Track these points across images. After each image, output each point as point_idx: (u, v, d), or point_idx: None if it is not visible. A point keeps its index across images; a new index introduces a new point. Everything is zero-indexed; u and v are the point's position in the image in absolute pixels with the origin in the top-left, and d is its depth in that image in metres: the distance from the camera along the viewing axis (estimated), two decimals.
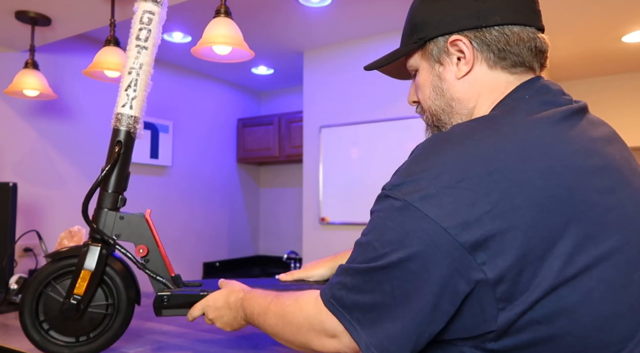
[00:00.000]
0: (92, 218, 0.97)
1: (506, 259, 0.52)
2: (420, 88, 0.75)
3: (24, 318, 0.93)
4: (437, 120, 0.74)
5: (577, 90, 3.74)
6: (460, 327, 0.57)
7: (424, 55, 0.73)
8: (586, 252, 0.52)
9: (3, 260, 1.58)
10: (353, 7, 2.48)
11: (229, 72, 3.67)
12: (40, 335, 0.94)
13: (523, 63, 0.67)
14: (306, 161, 3.14)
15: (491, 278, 0.52)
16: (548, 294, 0.52)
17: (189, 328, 1.21)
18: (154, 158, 3.23)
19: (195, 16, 2.57)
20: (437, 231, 0.53)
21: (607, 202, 0.55)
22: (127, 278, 0.98)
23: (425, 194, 0.55)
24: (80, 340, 0.95)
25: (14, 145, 2.52)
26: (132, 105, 1.00)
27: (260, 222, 4.25)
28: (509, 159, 0.55)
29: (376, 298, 0.58)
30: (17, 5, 1.99)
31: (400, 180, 0.59)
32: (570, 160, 0.56)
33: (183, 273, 3.41)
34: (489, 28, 0.66)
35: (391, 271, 0.56)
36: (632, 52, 3.08)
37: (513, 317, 0.53)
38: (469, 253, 0.53)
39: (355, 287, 0.60)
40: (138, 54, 1.01)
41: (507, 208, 0.52)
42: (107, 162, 0.97)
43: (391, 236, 0.57)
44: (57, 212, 2.68)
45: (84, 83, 2.83)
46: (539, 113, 0.60)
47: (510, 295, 0.53)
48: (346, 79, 3.00)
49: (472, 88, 0.69)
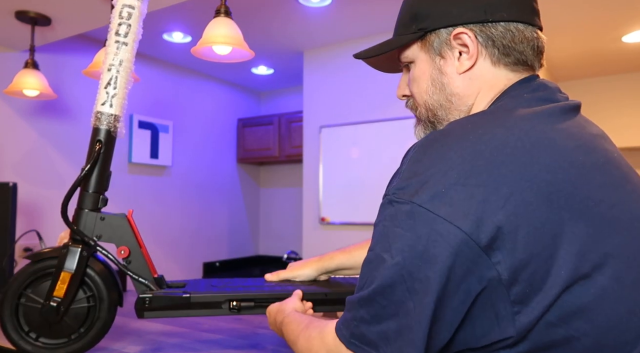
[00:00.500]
0: (72, 219, 0.95)
1: (520, 258, 0.50)
2: (416, 81, 0.72)
3: (8, 333, 0.92)
4: (433, 115, 0.71)
5: (577, 90, 3.74)
6: (471, 335, 0.54)
7: (423, 46, 0.69)
8: (597, 248, 0.51)
9: (3, 260, 1.58)
10: (353, 7, 2.48)
11: (229, 72, 3.67)
12: (31, 345, 0.93)
13: (525, 61, 0.66)
14: (306, 161, 3.14)
15: (505, 278, 0.50)
16: (563, 293, 0.50)
17: (189, 328, 1.21)
18: (154, 158, 3.23)
19: (195, 16, 2.56)
20: (452, 231, 0.50)
21: (611, 198, 0.54)
22: (108, 279, 0.96)
23: (434, 194, 0.52)
24: (72, 338, 0.95)
25: (14, 145, 2.52)
26: (112, 103, 0.97)
27: (260, 222, 4.25)
28: (515, 152, 0.53)
29: (402, 322, 0.52)
30: (17, 5, 1.99)
31: (404, 183, 0.56)
32: (573, 156, 0.54)
33: (183, 273, 3.41)
34: (495, 23, 0.64)
35: (410, 283, 0.52)
36: (632, 52, 3.08)
37: (532, 320, 0.51)
38: (484, 252, 0.50)
39: (376, 317, 0.54)
40: (117, 50, 0.97)
41: (519, 204, 0.50)
42: (87, 161, 0.95)
43: (402, 243, 0.53)
44: (57, 212, 2.68)
45: (84, 83, 2.83)
46: (539, 108, 0.59)
47: (525, 296, 0.51)
48: (346, 79, 3.00)
49: (473, 84, 0.67)
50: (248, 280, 1.08)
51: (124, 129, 1.00)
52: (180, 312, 0.96)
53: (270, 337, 1.13)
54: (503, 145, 0.53)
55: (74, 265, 0.92)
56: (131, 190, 3.11)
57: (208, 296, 0.95)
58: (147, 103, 3.20)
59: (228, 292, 0.96)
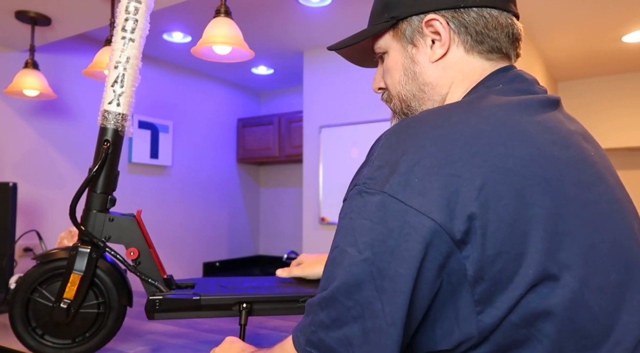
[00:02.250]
0: (81, 220, 0.94)
1: (488, 254, 0.47)
2: (389, 71, 0.69)
3: (15, 325, 0.92)
4: (406, 107, 0.68)
5: (577, 90, 3.74)
6: (430, 337, 0.51)
7: (395, 35, 0.67)
8: (567, 249, 0.49)
9: (3, 260, 1.58)
10: (353, 7, 2.48)
11: (229, 72, 3.67)
12: (35, 341, 0.93)
13: (500, 49, 0.63)
14: (306, 161, 3.14)
15: (471, 275, 0.47)
16: (528, 294, 0.48)
17: (189, 328, 1.21)
18: (154, 158, 3.23)
19: (195, 16, 2.56)
20: (425, 223, 0.47)
21: (584, 197, 0.52)
22: (118, 280, 0.96)
23: (406, 183, 0.48)
24: (76, 341, 0.95)
25: (14, 145, 2.52)
26: (119, 102, 0.94)
27: (260, 222, 4.25)
28: (490, 142, 0.50)
29: (367, 325, 0.48)
30: (17, 5, 1.99)
31: (375, 172, 0.51)
32: (548, 150, 0.52)
33: (183, 273, 3.41)
34: (468, 9, 0.61)
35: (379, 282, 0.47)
36: (632, 52, 3.08)
37: (495, 321, 0.48)
38: (456, 245, 0.47)
39: (337, 321, 0.49)
40: (124, 46, 0.94)
41: (491, 197, 0.47)
42: (95, 162, 0.93)
43: (371, 237, 0.49)
44: (57, 212, 2.68)
45: (84, 83, 2.83)
46: (516, 99, 0.56)
47: (489, 294, 0.48)
48: (346, 79, 3.00)
49: (446, 73, 0.64)
50: (258, 280, 1.07)
51: (132, 128, 0.98)
52: (190, 314, 0.95)
53: (271, 337, 1.13)
54: (478, 134, 0.51)
55: (84, 267, 0.91)
56: (131, 190, 3.11)
57: (218, 298, 0.94)
58: (147, 103, 3.20)
59: (238, 294, 0.95)
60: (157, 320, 0.95)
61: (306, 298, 0.96)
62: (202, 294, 0.94)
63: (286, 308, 0.96)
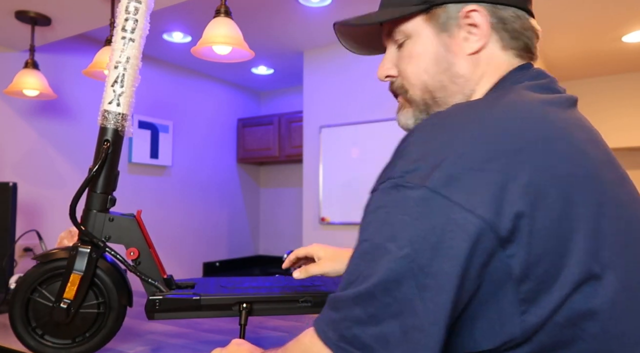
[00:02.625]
0: (81, 220, 0.94)
1: (535, 253, 0.46)
2: (413, 58, 0.65)
3: (15, 325, 0.92)
4: (430, 97, 0.65)
5: (577, 90, 3.74)
6: (468, 339, 0.49)
7: (428, 20, 0.63)
8: (607, 248, 0.48)
9: (3, 260, 1.58)
10: (353, 7, 2.48)
11: (229, 72, 3.67)
12: (35, 341, 0.93)
13: (530, 49, 0.64)
14: (306, 161, 3.14)
15: (516, 274, 0.46)
16: (573, 293, 0.47)
17: (189, 328, 1.21)
18: (154, 158, 3.23)
19: (195, 16, 2.57)
20: (471, 220, 0.45)
21: (618, 197, 0.51)
22: (118, 280, 0.96)
23: (449, 178, 0.46)
24: (76, 341, 0.95)
25: (14, 145, 2.52)
26: (119, 102, 0.94)
27: (260, 222, 4.25)
28: (532, 139, 0.48)
29: (407, 322, 0.45)
30: (17, 5, 1.99)
31: (413, 165, 0.49)
32: (585, 148, 0.51)
33: (183, 273, 3.41)
34: (506, 6, 0.61)
35: (421, 279, 0.45)
36: (632, 52, 3.08)
37: (540, 321, 0.47)
38: (500, 244, 0.46)
39: (374, 317, 0.47)
40: (124, 46, 0.94)
41: (537, 194, 0.46)
42: (95, 162, 0.94)
43: (412, 233, 0.46)
44: (57, 212, 2.68)
45: (84, 83, 2.83)
46: (549, 97, 0.56)
47: (535, 294, 0.47)
48: (346, 79, 3.00)
49: (479, 67, 0.62)
50: (258, 280, 1.07)
51: (132, 128, 0.98)
52: (190, 314, 0.95)
53: (271, 338, 1.13)
54: (522, 130, 0.49)
55: (84, 267, 0.92)
56: (131, 190, 3.11)
57: (218, 298, 0.94)
58: (147, 103, 3.20)
59: (238, 294, 0.95)
60: (157, 320, 0.95)
61: (306, 298, 0.96)
62: (202, 294, 0.94)
63: (286, 308, 0.96)
